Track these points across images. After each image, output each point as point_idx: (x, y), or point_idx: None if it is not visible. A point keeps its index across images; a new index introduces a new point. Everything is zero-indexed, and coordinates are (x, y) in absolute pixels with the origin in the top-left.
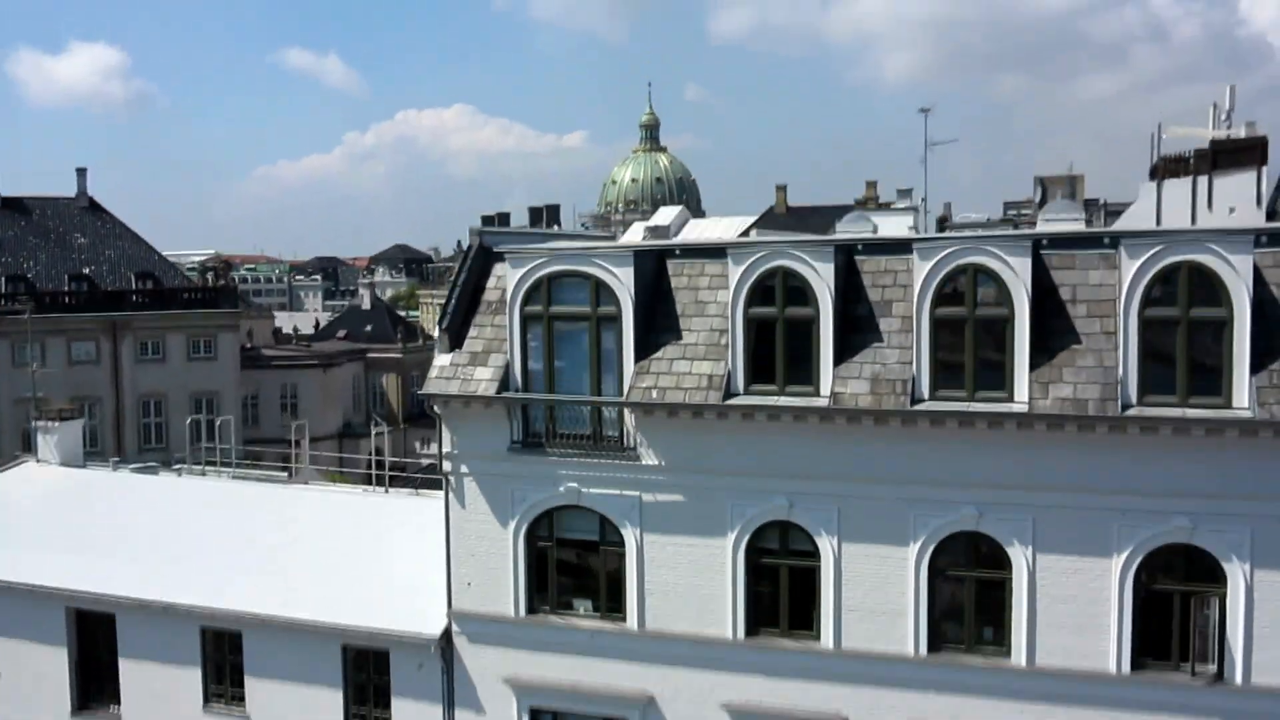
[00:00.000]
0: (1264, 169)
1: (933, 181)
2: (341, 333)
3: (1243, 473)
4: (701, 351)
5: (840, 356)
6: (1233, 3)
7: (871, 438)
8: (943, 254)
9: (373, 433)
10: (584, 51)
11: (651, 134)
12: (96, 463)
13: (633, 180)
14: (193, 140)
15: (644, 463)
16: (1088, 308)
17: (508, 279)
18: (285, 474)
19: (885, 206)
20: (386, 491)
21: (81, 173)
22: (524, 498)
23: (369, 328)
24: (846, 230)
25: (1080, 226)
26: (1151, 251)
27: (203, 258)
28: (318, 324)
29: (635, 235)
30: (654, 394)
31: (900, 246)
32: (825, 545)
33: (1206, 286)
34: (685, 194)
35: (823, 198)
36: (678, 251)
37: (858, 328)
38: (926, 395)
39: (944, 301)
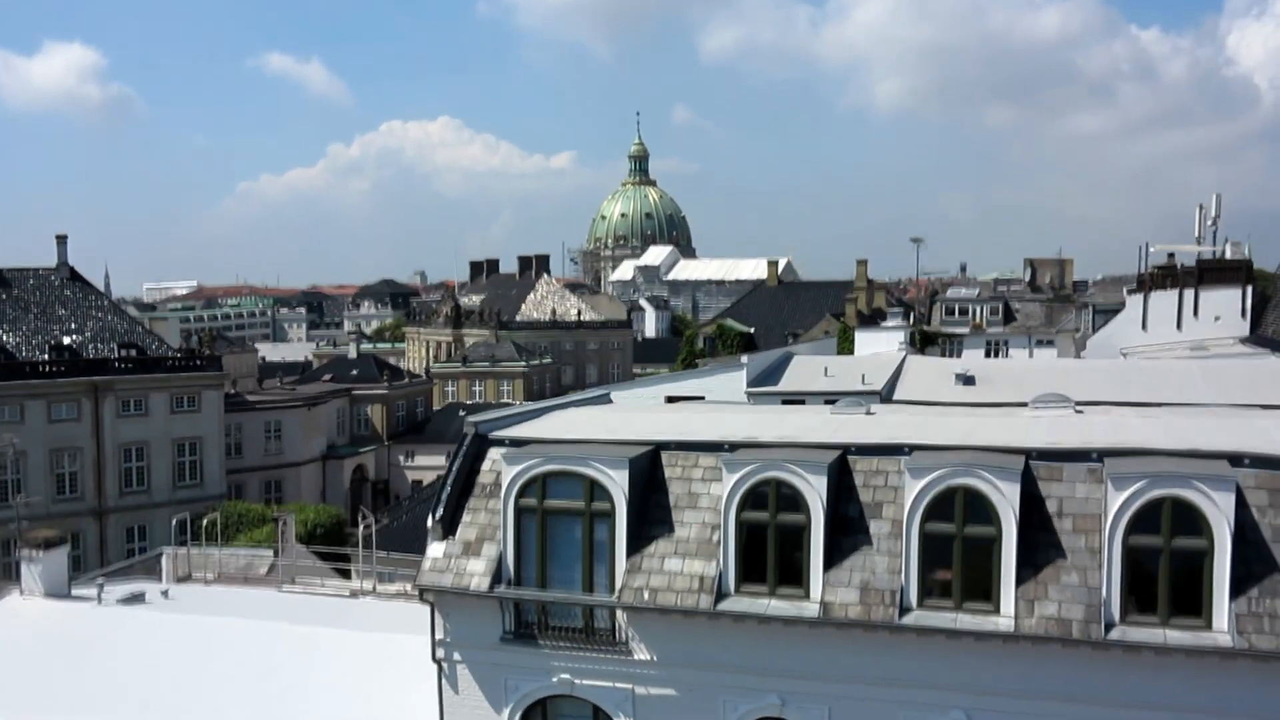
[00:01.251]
0: (1248, 288)
1: (925, 219)
2: (327, 376)
3: (1224, 694)
4: (694, 549)
5: (830, 561)
6: (1220, 40)
7: (861, 644)
8: (933, 475)
9: (360, 527)
10: (571, 64)
11: (640, 166)
12: (82, 583)
13: (622, 215)
14: (174, 151)
15: (636, 657)
16: (1073, 522)
17: (503, 475)
18: (271, 554)
19: (878, 291)
20: (374, 589)
21: (62, 240)
22: (517, 686)
23: (354, 372)
24: (841, 413)
25: (1069, 413)
26: (1136, 486)
27: (185, 290)
28: (304, 367)
29: (625, 273)
30: (645, 595)
31: (893, 449)
32: None
33: (1189, 520)
34: (675, 230)
35: (815, 248)
36: (673, 445)
37: (849, 530)
38: (914, 604)
39: (933, 517)
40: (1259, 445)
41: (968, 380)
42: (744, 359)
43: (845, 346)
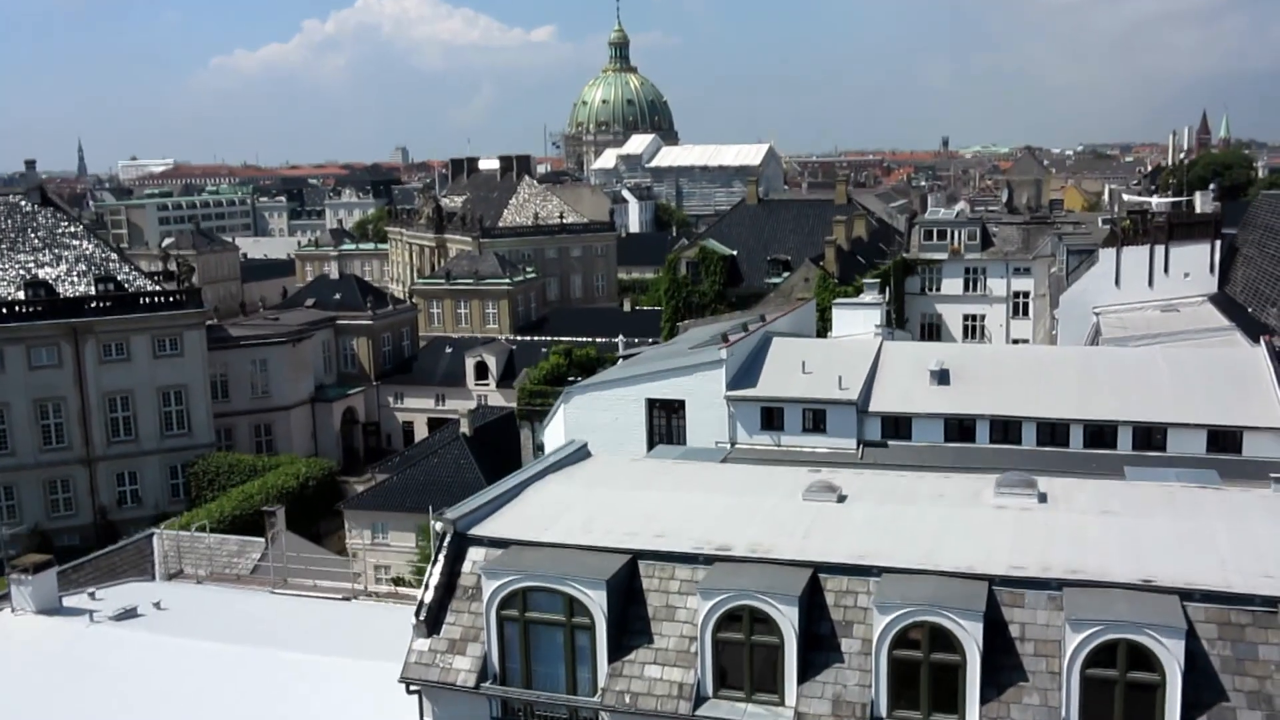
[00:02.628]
0: (1216, 242)
1: (905, 90)
2: (310, 301)
3: None
4: (672, 658)
5: (804, 674)
6: None
7: None
8: (900, 611)
9: (347, 537)
10: None
11: (621, 52)
12: (73, 590)
13: (603, 102)
14: (145, 24)
15: None
16: (1035, 646)
17: (483, 584)
18: (261, 542)
19: (858, 220)
20: (366, 589)
21: (30, 165)
22: None
23: (338, 296)
24: (811, 499)
25: (1033, 503)
26: (1092, 630)
27: (162, 169)
28: (285, 291)
29: (608, 162)
30: (627, 699)
31: (862, 570)
32: None
33: (1143, 658)
34: (657, 115)
35: (797, 122)
36: (649, 555)
37: (821, 646)
38: (884, 714)
39: (901, 645)
40: (1210, 575)
41: (942, 378)
42: (722, 352)
43: (824, 296)
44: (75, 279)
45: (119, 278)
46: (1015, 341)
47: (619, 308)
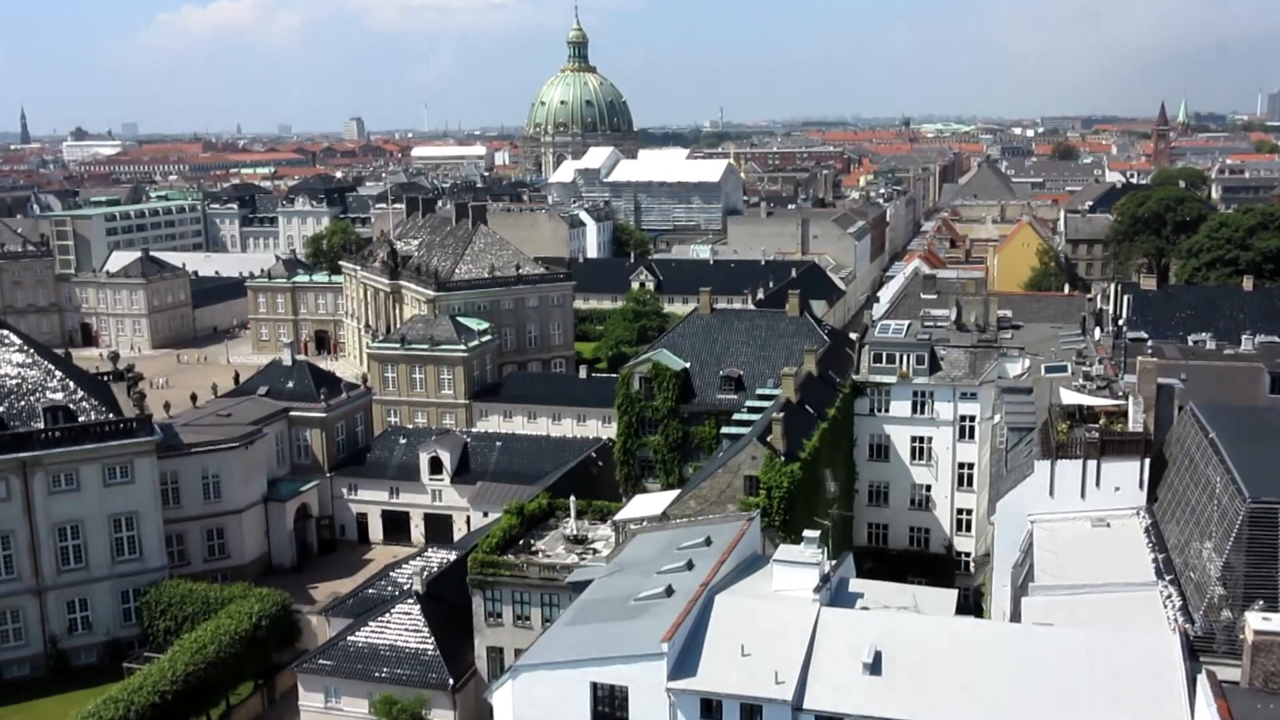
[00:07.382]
0: (1146, 461)
1: (867, 60)
2: (262, 390)
3: None
4: None
5: None
6: None
7: None
8: None
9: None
10: None
11: (579, 52)
12: None
13: (562, 102)
14: None
15: None
16: None
17: None
18: None
19: (809, 354)
20: None
21: None
22: None
23: (290, 384)
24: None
25: None
26: None
27: (111, 152)
28: (237, 377)
29: (566, 175)
30: None
31: None
32: None
33: None
34: (616, 115)
35: (752, 93)
36: None
37: None
38: None
39: None
40: None
41: (874, 667)
42: (664, 646)
43: (771, 475)
44: (22, 404)
45: (69, 405)
46: (962, 466)
47: (576, 374)
